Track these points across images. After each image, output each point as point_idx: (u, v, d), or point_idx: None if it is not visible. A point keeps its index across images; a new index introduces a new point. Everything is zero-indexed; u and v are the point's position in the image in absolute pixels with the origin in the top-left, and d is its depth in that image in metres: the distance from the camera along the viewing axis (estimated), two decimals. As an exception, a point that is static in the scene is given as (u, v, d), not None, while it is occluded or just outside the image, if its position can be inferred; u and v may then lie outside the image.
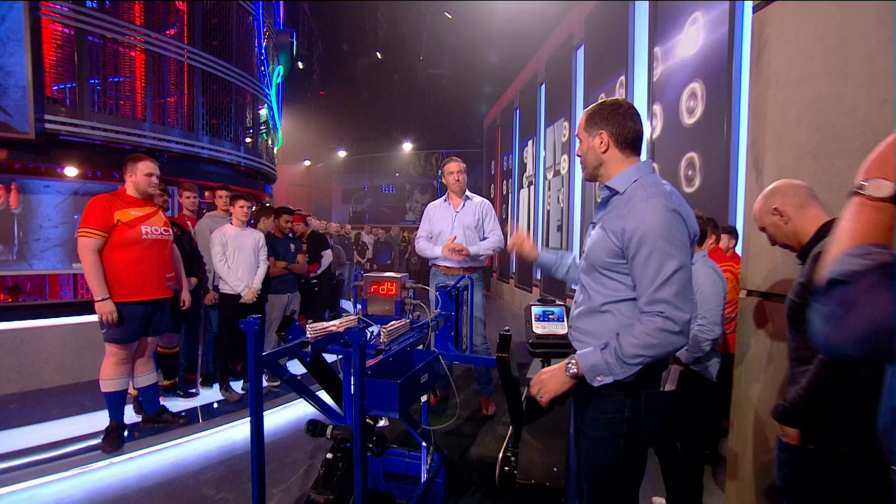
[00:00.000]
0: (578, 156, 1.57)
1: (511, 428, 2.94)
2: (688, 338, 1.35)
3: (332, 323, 2.15)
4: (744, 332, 2.25)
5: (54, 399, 3.87)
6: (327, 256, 5.26)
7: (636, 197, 1.38)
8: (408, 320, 2.27)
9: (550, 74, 7.95)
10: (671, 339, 1.30)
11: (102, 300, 2.80)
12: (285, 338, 2.12)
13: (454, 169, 3.59)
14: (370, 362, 1.92)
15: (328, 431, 2.06)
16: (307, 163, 22.50)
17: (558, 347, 2.33)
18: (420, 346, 2.35)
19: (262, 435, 1.87)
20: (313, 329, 2.05)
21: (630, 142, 1.46)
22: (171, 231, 3.20)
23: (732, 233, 3.20)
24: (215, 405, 3.87)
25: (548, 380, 1.44)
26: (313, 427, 2.06)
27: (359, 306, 2.38)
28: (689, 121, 4.09)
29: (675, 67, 4.28)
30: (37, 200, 4.52)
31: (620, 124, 1.45)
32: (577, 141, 1.57)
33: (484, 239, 3.63)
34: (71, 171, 4.76)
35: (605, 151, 1.47)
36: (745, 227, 2.24)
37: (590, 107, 1.53)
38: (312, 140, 20.83)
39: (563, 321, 2.44)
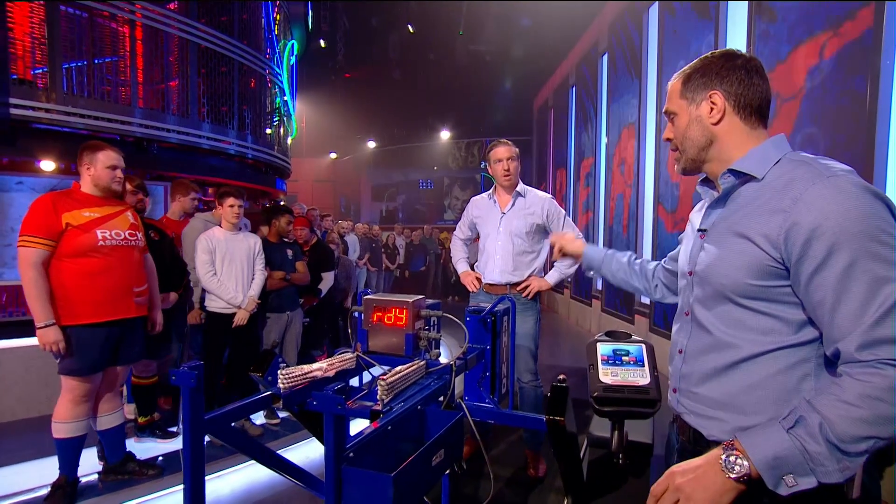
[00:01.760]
0: (668, 139, 1.25)
1: (568, 501, 2.48)
2: None
3: (316, 366, 1.75)
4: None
5: (11, 437, 3.65)
6: (328, 280, 4.72)
7: (800, 179, 1.00)
8: (423, 362, 1.84)
9: (614, 42, 7.36)
10: None
11: (45, 326, 2.52)
12: (263, 380, 1.75)
13: (503, 154, 3.08)
14: (364, 427, 1.49)
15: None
16: (333, 155, 22.53)
17: (637, 405, 1.82)
18: (441, 398, 1.91)
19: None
20: (288, 376, 1.65)
21: (757, 107, 1.12)
22: (139, 236, 2.90)
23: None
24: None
25: (692, 488, 0.96)
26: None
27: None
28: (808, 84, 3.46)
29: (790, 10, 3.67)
30: (7, 199, 4.37)
31: (743, 81, 1.11)
32: (668, 120, 1.24)
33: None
34: (48, 164, 4.62)
35: (718, 122, 1.14)
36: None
37: (687, 66, 1.20)
38: (338, 130, 20.81)
39: (642, 365, 1.93)
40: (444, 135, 21.13)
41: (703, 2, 4.80)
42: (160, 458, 3.30)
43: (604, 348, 1.91)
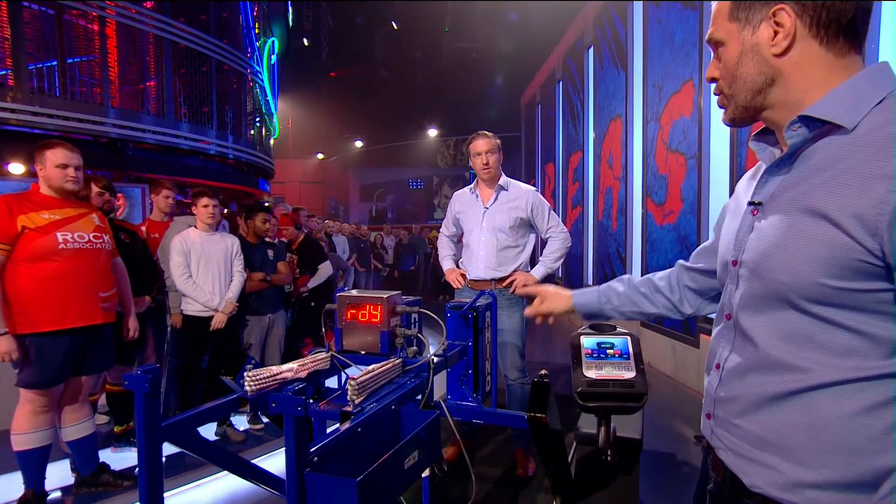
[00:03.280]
0: (712, 79, 0.91)
1: (556, 501, 2.41)
2: None
3: (286, 367, 1.67)
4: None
5: (-17, 450, 3.53)
6: (325, 269, 4.80)
7: None
8: (399, 360, 1.77)
9: (599, 34, 7.33)
10: None
11: None
12: (235, 383, 1.67)
13: (482, 147, 2.99)
14: (341, 427, 1.42)
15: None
16: (320, 156, 22.41)
17: (623, 399, 1.76)
18: (419, 396, 1.84)
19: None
20: (255, 378, 1.57)
21: (848, 22, 0.76)
22: (105, 238, 2.79)
23: None
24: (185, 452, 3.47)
25: None
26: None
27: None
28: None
29: None
30: (-26, 204, 4.24)
31: None
32: (712, 52, 0.91)
33: (543, 242, 3.11)
34: (17, 167, 4.50)
35: (785, 51, 0.79)
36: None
37: None
38: (325, 130, 20.72)
39: (627, 359, 1.86)
40: (432, 133, 21.08)
41: (687, -10, 4.76)
42: (137, 468, 3.21)
43: (587, 341, 1.83)
